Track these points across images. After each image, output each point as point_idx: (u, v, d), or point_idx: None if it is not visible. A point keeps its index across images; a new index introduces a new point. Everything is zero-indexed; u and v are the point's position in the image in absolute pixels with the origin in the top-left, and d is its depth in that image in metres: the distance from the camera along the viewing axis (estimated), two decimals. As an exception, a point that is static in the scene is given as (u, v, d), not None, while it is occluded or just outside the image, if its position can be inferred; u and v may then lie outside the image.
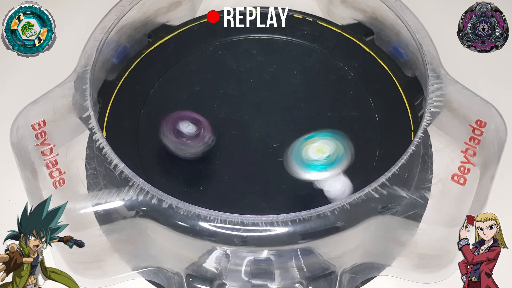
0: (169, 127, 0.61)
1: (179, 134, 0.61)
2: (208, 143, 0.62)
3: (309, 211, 0.56)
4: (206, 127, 0.62)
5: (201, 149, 0.62)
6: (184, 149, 0.61)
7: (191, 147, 0.61)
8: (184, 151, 0.61)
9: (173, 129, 0.61)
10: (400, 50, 0.68)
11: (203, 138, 0.62)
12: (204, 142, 0.62)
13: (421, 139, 0.59)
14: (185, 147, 0.61)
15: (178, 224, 0.56)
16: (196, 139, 0.62)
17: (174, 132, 0.61)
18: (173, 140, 0.61)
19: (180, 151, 0.61)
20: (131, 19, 0.68)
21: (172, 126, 0.61)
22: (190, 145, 0.61)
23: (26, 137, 0.60)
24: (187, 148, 0.61)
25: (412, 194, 0.57)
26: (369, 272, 0.62)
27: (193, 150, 0.62)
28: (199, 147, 0.62)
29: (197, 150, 0.62)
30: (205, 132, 0.62)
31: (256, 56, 0.69)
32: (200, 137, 0.62)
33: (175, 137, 0.61)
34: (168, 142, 0.61)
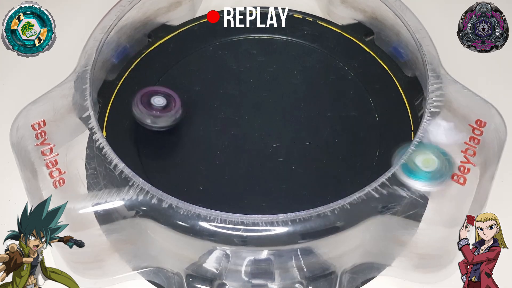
0: (140, 99, 0.63)
1: (149, 106, 0.63)
2: (176, 117, 0.63)
3: (309, 211, 0.56)
4: (176, 101, 0.63)
5: (170, 122, 0.63)
6: (153, 120, 0.63)
7: (160, 120, 0.63)
8: (153, 123, 0.63)
9: (144, 101, 0.63)
10: (400, 50, 0.68)
11: (172, 111, 0.63)
12: (173, 115, 0.63)
13: (421, 139, 0.59)
14: (154, 119, 0.63)
15: (178, 224, 0.56)
16: (165, 111, 0.63)
17: (144, 104, 0.62)
18: (143, 111, 0.62)
19: (148, 123, 0.63)
20: (131, 19, 0.68)
21: (144, 98, 0.63)
22: (159, 117, 0.63)
23: (26, 137, 0.60)
24: (156, 120, 0.63)
25: (412, 194, 0.57)
26: (369, 272, 0.62)
27: (162, 123, 0.63)
28: (167, 120, 0.63)
29: (165, 123, 0.63)
30: (175, 105, 0.63)
31: (256, 56, 0.69)
32: (169, 110, 0.63)
33: (146, 108, 0.62)
34: (138, 113, 0.62)
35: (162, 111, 0.63)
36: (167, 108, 0.63)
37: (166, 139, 0.64)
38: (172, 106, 0.63)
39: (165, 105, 0.63)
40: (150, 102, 0.63)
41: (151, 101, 0.63)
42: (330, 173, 0.62)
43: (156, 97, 0.63)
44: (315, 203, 0.56)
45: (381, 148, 0.63)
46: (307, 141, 0.64)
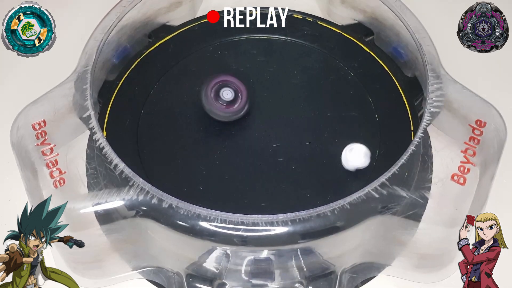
0: (210, 91, 0.63)
1: (218, 98, 0.63)
2: (242, 112, 0.64)
3: (309, 211, 0.56)
4: (243, 95, 0.64)
5: (236, 115, 0.64)
6: (220, 113, 0.63)
7: (227, 113, 0.63)
8: (219, 115, 0.63)
9: (213, 93, 0.63)
10: (400, 50, 0.68)
11: (239, 105, 0.64)
12: (239, 109, 0.64)
13: (421, 139, 0.59)
14: (221, 112, 0.63)
15: (178, 224, 0.56)
16: (232, 105, 0.63)
17: (214, 95, 0.63)
18: (212, 103, 0.63)
19: (216, 114, 0.63)
20: (131, 19, 0.68)
21: (213, 90, 0.63)
22: (226, 110, 0.63)
23: (27, 137, 0.60)
24: (222, 112, 0.63)
25: (412, 194, 0.57)
26: (369, 271, 0.62)
27: (228, 115, 0.64)
28: (234, 114, 0.64)
29: (231, 116, 0.64)
30: (242, 100, 0.64)
31: (256, 56, 0.69)
32: (236, 104, 0.64)
33: (214, 100, 0.63)
34: (206, 103, 0.63)
35: (228, 106, 0.63)
36: (233, 102, 0.63)
37: (166, 139, 0.64)
38: (238, 100, 0.63)
39: (232, 99, 0.63)
40: (218, 95, 0.63)
41: (220, 94, 0.63)
42: (330, 173, 0.62)
43: (225, 90, 0.63)
44: (315, 203, 0.56)
45: (381, 148, 0.63)
46: (307, 141, 0.64)
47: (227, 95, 0.63)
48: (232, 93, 0.63)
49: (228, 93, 0.63)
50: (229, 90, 0.63)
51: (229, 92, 0.63)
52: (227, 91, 0.63)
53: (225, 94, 0.63)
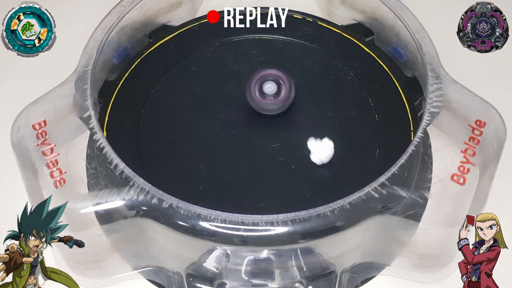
0: (254, 87, 0.64)
1: (262, 94, 0.64)
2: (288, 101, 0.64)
3: (309, 211, 0.56)
4: (286, 83, 0.64)
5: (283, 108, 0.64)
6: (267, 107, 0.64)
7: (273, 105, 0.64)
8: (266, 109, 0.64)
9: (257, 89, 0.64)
10: (399, 51, 0.68)
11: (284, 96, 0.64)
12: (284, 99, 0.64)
13: (421, 139, 0.59)
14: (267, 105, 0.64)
15: (178, 223, 0.56)
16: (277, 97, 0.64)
17: (258, 91, 0.63)
18: (257, 100, 0.64)
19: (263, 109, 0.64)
20: (131, 19, 0.68)
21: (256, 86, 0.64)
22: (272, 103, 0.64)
23: (27, 137, 0.60)
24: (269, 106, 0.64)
25: (412, 194, 0.57)
26: (369, 271, 0.62)
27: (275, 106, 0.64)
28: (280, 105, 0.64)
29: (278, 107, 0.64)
30: (285, 89, 0.64)
31: (256, 56, 0.69)
32: (279, 95, 0.64)
33: (259, 97, 0.64)
34: (252, 102, 0.64)
35: (274, 98, 0.64)
36: (278, 94, 0.64)
37: (166, 139, 0.64)
38: (281, 91, 0.64)
39: (276, 91, 0.64)
40: (262, 90, 0.64)
41: (263, 89, 0.64)
42: (330, 173, 0.62)
43: (267, 84, 0.64)
44: (315, 203, 0.56)
45: (381, 148, 0.63)
46: (307, 141, 0.64)
47: (270, 89, 0.64)
48: (274, 85, 0.64)
49: (270, 87, 0.64)
50: (271, 84, 0.64)
51: (272, 85, 0.64)
52: (269, 84, 0.64)
53: (267, 88, 0.64)
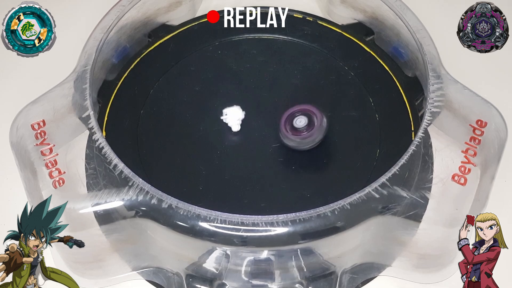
0: (285, 125, 0.62)
1: (294, 129, 0.62)
2: (322, 133, 0.62)
3: (309, 211, 0.56)
4: (317, 115, 0.62)
5: (317, 140, 0.62)
6: (303, 142, 0.62)
7: (309, 139, 0.62)
8: (302, 144, 0.62)
9: (288, 126, 0.62)
10: (400, 50, 0.68)
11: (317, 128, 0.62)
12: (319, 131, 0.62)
13: (422, 139, 0.59)
14: (302, 140, 0.62)
15: (178, 224, 0.56)
16: (311, 130, 0.62)
17: (290, 129, 0.62)
18: (291, 137, 0.62)
19: (300, 145, 0.62)
20: (131, 19, 0.68)
21: (287, 123, 0.62)
22: (307, 137, 0.62)
23: (26, 137, 0.60)
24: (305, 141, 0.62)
25: (413, 194, 0.57)
26: (369, 272, 0.62)
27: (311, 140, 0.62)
28: (316, 137, 0.62)
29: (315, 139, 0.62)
30: (317, 120, 0.62)
31: (256, 56, 0.69)
32: (312, 127, 0.62)
33: (292, 133, 0.62)
34: (287, 140, 0.62)
35: (307, 132, 0.62)
36: (310, 126, 0.62)
37: (166, 139, 0.64)
38: (314, 123, 0.62)
39: (308, 124, 0.62)
40: (293, 125, 0.62)
41: (294, 124, 0.62)
42: (330, 173, 0.62)
43: (298, 118, 0.62)
44: (315, 203, 0.56)
45: (381, 148, 0.63)
46: None
47: (300, 123, 0.62)
48: (305, 119, 0.62)
49: (301, 121, 0.62)
50: (302, 118, 0.62)
51: (302, 119, 0.62)
52: (300, 118, 0.62)
53: (298, 122, 0.62)
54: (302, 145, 0.62)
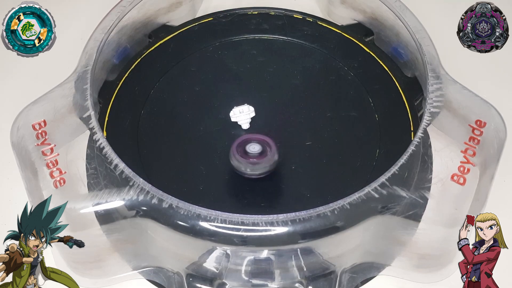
0: (237, 148, 0.61)
1: (246, 154, 0.61)
2: (275, 162, 0.61)
3: (309, 211, 0.56)
4: (272, 147, 0.61)
5: (268, 168, 0.61)
6: (251, 168, 0.61)
7: (258, 166, 0.61)
8: (251, 170, 0.61)
9: (240, 149, 0.61)
10: (399, 51, 0.68)
11: (269, 156, 0.61)
12: (271, 161, 0.61)
13: (421, 139, 0.59)
14: (252, 166, 0.61)
15: (178, 223, 0.56)
16: (262, 158, 0.61)
17: (241, 152, 0.61)
18: (240, 160, 0.61)
19: (247, 170, 0.61)
20: (131, 19, 0.68)
21: (240, 147, 0.61)
22: (257, 164, 0.61)
23: (27, 137, 0.60)
24: (254, 167, 0.61)
25: (412, 194, 0.57)
26: (369, 271, 0.62)
27: (260, 170, 0.61)
28: (266, 166, 0.61)
29: (264, 170, 0.61)
30: (271, 150, 0.61)
31: (256, 56, 0.69)
32: (266, 156, 0.61)
33: (242, 157, 0.61)
34: (235, 162, 0.61)
35: (259, 158, 0.61)
36: (263, 154, 0.61)
37: (166, 139, 0.64)
38: (267, 152, 0.61)
39: (261, 151, 0.61)
40: (246, 150, 0.61)
41: (247, 149, 0.61)
42: (330, 173, 0.62)
43: (252, 145, 0.61)
44: (315, 203, 0.56)
45: (381, 148, 0.63)
46: (307, 141, 0.64)
47: (254, 149, 0.61)
48: (259, 146, 0.61)
49: (255, 147, 0.61)
50: (255, 144, 0.61)
51: (256, 146, 0.61)
52: (254, 145, 0.61)
53: (252, 148, 0.61)
54: (249, 169, 0.61)
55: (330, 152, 0.63)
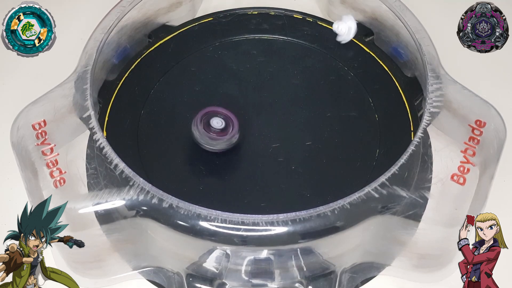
0: (200, 120, 0.62)
1: (208, 128, 0.62)
2: (233, 141, 0.62)
3: (309, 211, 0.56)
4: (234, 124, 0.62)
5: (226, 145, 0.62)
6: (211, 143, 0.62)
7: (218, 142, 0.62)
8: (210, 145, 0.62)
9: (204, 122, 0.62)
10: (399, 50, 0.68)
11: (230, 135, 0.62)
12: (230, 139, 0.62)
13: (421, 139, 0.59)
14: (212, 141, 0.62)
15: (178, 223, 0.56)
16: (223, 135, 0.62)
17: (204, 125, 0.61)
18: (202, 132, 0.61)
19: (207, 144, 0.62)
20: (131, 19, 0.68)
21: (203, 119, 0.62)
22: (217, 140, 0.62)
23: (27, 137, 0.60)
24: (213, 142, 0.62)
25: (412, 194, 0.57)
26: (369, 271, 0.62)
27: (219, 145, 0.62)
28: (224, 143, 0.62)
29: (222, 146, 0.62)
30: (232, 129, 0.62)
31: (256, 56, 0.69)
32: (227, 133, 0.62)
33: (205, 130, 0.61)
34: (197, 134, 0.62)
35: (220, 134, 0.62)
36: (224, 131, 0.62)
37: (166, 139, 0.64)
38: (229, 130, 0.62)
39: (223, 127, 0.62)
40: (209, 124, 0.62)
41: (210, 123, 0.62)
42: (330, 173, 0.62)
43: (215, 119, 0.62)
44: (315, 203, 0.56)
45: (381, 148, 0.63)
46: (307, 141, 0.64)
47: (218, 124, 0.62)
48: (222, 122, 0.62)
49: (218, 122, 0.62)
50: (219, 119, 0.62)
51: (220, 121, 0.62)
52: (217, 120, 0.62)
53: (215, 123, 0.62)
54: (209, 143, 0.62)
55: (330, 152, 0.63)
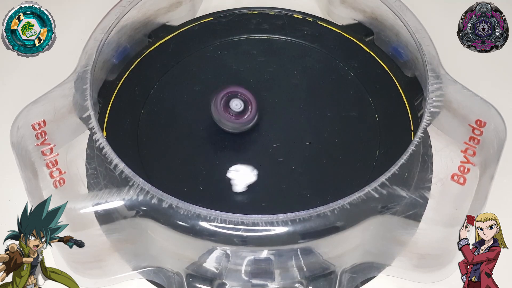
0: (220, 101, 0.62)
1: (227, 109, 0.62)
2: (252, 123, 0.63)
3: (309, 211, 0.56)
4: (253, 107, 0.63)
5: (245, 126, 0.63)
6: (228, 124, 0.62)
7: (235, 123, 0.62)
8: (227, 125, 0.63)
9: (223, 103, 0.62)
10: (399, 50, 0.68)
11: (248, 117, 0.63)
12: (248, 121, 0.63)
13: (421, 139, 0.59)
14: (229, 123, 0.62)
15: (178, 223, 0.56)
16: (241, 116, 0.62)
17: (223, 106, 0.62)
18: (221, 113, 0.62)
19: (224, 125, 0.62)
20: (131, 19, 0.68)
21: (223, 100, 0.62)
22: (235, 121, 0.62)
23: (27, 137, 0.60)
24: (231, 123, 0.62)
25: (412, 194, 0.57)
26: (369, 271, 0.62)
27: (237, 125, 0.62)
28: (243, 124, 0.63)
29: (240, 126, 0.63)
30: (251, 111, 0.63)
31: (256, 56, 0.69)
32: (245, 115, 0.62)
33: (224, 111, 0.62)
34: (216, 114, 0.62)
35: (238, 116, 0.62)
36: (243, 113, 0.62)
37: (166, 139, 0.64)
38: (247, 112, 0.63)
39: (242, 110, 0.62)
40: (228, 105, 0.62)
41: (230, 104, 0.62)
42: (330, 173, 0.62)
43: (235, 101, 0.62)
44: (315, 203, 0.56)
45: (381, 148, 0.63)
46: (307, 141, 0.64)
47: (237, 106, 0.62)
48: (241, 104, 0.63)
49: (237, 104, 0.62)
50: (238, 101, 0.63)
51: (239, 103, 0.63)
52: (237, 102, 0.63)
53: (234, 105, 0.62)
54: (231, 128, 0.63)
55: (330, 152, 0.63)
